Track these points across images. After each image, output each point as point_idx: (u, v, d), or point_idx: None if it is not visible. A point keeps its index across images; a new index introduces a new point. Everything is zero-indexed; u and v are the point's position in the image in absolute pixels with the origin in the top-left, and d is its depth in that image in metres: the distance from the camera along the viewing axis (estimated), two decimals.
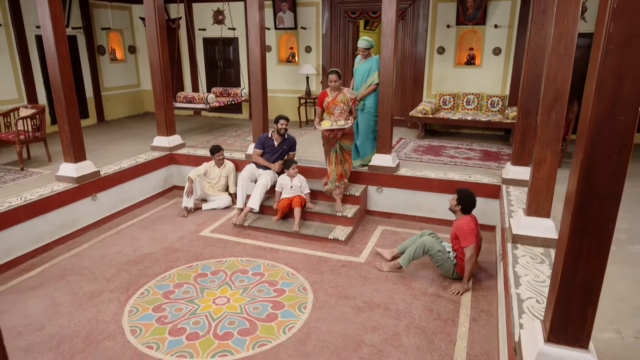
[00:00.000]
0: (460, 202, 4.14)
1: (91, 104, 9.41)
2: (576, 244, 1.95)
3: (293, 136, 5.93)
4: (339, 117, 5.15)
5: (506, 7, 7.51)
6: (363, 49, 5.59)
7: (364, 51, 5.60)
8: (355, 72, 5.78)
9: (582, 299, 2.01)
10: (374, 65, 5.60)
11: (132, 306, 3.91)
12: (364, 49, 5.58)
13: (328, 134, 5.24)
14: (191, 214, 6.00)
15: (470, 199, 4.15)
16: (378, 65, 5.58)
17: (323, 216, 5.48)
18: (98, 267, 4.63)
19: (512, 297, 2.93)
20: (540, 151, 3.53)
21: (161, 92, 6.66)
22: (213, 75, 9.96)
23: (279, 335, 3.52)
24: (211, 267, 4.59)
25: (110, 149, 7.18)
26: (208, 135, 8.15)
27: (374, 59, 5.66)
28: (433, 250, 4.18)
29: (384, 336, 3.51)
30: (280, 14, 8.93)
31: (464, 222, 4.08)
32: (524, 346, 2.28)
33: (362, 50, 5.62)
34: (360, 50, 5.64)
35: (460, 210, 4.17)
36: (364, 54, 5.63)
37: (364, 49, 5.58)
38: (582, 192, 1.89)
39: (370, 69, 5.59)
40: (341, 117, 5.14)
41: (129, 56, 10.32)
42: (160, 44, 6.46)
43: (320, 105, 5.30)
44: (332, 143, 5.29)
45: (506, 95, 7.76)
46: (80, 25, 8.98)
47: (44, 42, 5.00)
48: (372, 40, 5.61)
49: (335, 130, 5.18)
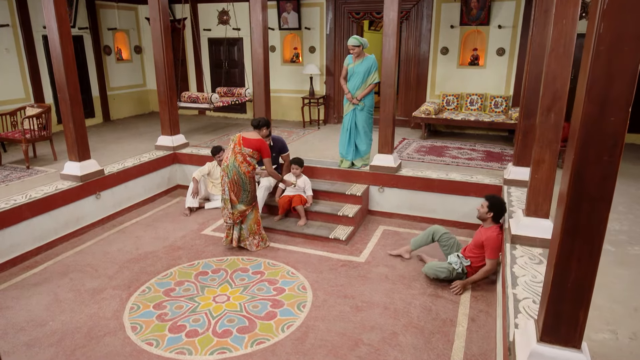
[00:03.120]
0: (492, 209, 4.07)
1: (97, 103, 9.50)
2: (568, 245, 1.96)
3: (280, 137, 5.77)
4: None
5: (510, 7, 7.49)
6: (352, 47, 5.46)
7: (354, 49, 5.48)
8: (352, 73, 5.62)
9: (574, 299, 2.01)
10: (373, 64, 5.55)
11: (133, 303, 3.96)
12: (353, 47, 5.46)
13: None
14: (194, 213, 6.05)
15: (502, 206, 4.09)
16: (377, 65, 5.57)
17: (324, 215, 5.50)
18: (101, 264, 4.68)
19: (508, 297, 2.94)
20: (539, 152, 3.53)
21: (165, 92, 6.72)
22: (218, 75, 10.02)
23: (278, 333, 3.54)
24: (212, 266, 4.63)
25: (115, 147, 7.25)
26: (212, 135, 8.20)
27: (371, 58, 5.57)
28: (439, 233, 4.44)
29: (381, 335, 3.52)
30: (285, 14, 8.96)
31: (495, 234, 4.01)
32: (518, 345, 2.29)
33: (352, 49, 5.50)
34: (350, 48, 5.51)
35: (491, 218, 4.10)
36: (354, 52, 5.51)
37: (353, 47, 5.46)
38: (573, 192, 1.89)
39: (370, 68, 5.54)
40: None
41: (135, 56, 10.40)
42: (164, 44, 6.52)
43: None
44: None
45: (510, 96, 7.74)
46: (87, 25, 9.08)
47: (50, 43, 5.07)
48: (364, 40, 5.52)
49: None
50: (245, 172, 4.72)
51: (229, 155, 4.76)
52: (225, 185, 4.77)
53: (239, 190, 4.76)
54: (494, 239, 4.01)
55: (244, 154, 4.72)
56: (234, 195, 4.77)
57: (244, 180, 4.74)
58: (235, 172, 4.71)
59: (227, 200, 4.80)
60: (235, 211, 4.81)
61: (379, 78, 5.55)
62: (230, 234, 4.94)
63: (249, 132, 4.91)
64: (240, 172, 4.70)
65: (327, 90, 9.03)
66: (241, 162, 4.71)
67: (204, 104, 7.89)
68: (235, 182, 4.73)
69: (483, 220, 4.16)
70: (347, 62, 5.73)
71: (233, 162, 4.72)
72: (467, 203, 5.38)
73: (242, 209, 4.82)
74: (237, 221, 4.85)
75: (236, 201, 4.79)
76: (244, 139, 4.75)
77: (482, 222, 4.22)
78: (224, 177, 4.77)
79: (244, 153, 4.72)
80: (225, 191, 4.79)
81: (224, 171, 4.77)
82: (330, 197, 5.73)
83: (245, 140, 4.74)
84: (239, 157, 4.72)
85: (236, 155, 4.72)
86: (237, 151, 4.72)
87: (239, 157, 4.72)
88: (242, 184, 4.74)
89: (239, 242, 4.95)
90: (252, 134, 4.85)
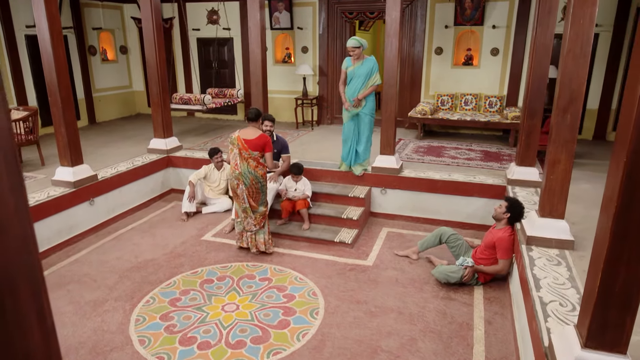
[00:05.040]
0: (510, 211, 4.04)
1: (82, 105, 9.19)
2: (617, 249, 1.91)
3: (283, 138, 5.66)
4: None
5: (504, 7, 7.53)
6: (352, 48, 5.26)
7: (354, 50, 5.31)
8: (353, 75, 5.43)
9: (621, 304, 1.97)
10: (374, 66, 5.41)
11: (138, 315, 3.79)
12: (354, 48, 5.29)
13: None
14: (191, 217, 5.88)
15: (521, 209, 4.06)
16: (377, 66, 5.46)
17: (327, 219, 5.41)
18: (99, 274, 4.48)
19: (534, 300, 2.89)
20: (554, 152, 3.51)
21: (158, 93, 6.52)
22: (207, 75, 9.81)
23: (293, 342, 3.43)
24: (217, 273, 4.48)
25: (106, 151, 7.00)
26: (204, 137, 8.01)
27: (372, 60, 5.43)
28: (447, 234, 4.41)
29: (400, 341, 3.45)
30: (277, 14, 8.83)
31: (507, 235, 4.00)
32: (558, 351, 2.24)
33: (351, 50, 5.33)
34: (350, 50, 5.34)
35: (507, 219, 4.07)
36: (355, 54, 5.33)
37: (354, 48, 5.29)
38: (624, 195, 1.84)
39: (372, 70, 5.38)
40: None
41: (121, 56, 10.11)
42: (157, 44, 6.32)
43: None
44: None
45: (504, 96, 7.79)
46: (71, 25, 8.76)
47: (40, 43, 4.83)
48: (364, 40, 5.35)
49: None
50: (262, 174, 4.62)
51: (238, 162, 4.54)
52: (243, 194, 4.58)
53: (257, 194, 4.64)
54: (506, 239, 3.99)
55: (255, 158, 4.55)
56: (253, 201, 4.63)
57: (262, 183, 4.65)
58: (253, 178, 4.56)
59: (247, 209, 4.64)
60: (257, 215, 4.69)
61: (380, 80, 5.46)
62: (252, 239, 4.78)
63: (246, 129, 4.64)
64: (258, 175, 4.58)
65: (320, 91, 8.93)
66: (255, 166, 4.56)
67: (197, 105, 7.70)
68: (253, 187, 4.59)
69: (498, 220, 4.13)
70: (345, 65, 5.48)
71: (247, 168, 4.53)
72: (471, 204, 5.37)
73: (263, 210, 4.73)
74: (262, 224, 4.73)
75: (256, 206, 4.67)
76: (247, 142, 4.54)
77: (495, 222, 4.20)
78: (240, 185, 4.57)
79: (255, 157, 4.55)
80: (244, 200, 4.60)
81: (238, 179, 4.57)
82: (333, 199, 5.64)
83: (249, 143, 4.52)
84: (252, 162, 4.54)
85: (248, 161, 4.53)
86: (246, 157, 4.52)
87: (252, 162, 4.54)
88: (261, 187, 4.65)
89: (265, 246, 4.81)
90: (251, 132, 4.58)
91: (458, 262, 4.19)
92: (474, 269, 4.09)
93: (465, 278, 4.06)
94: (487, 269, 4.07)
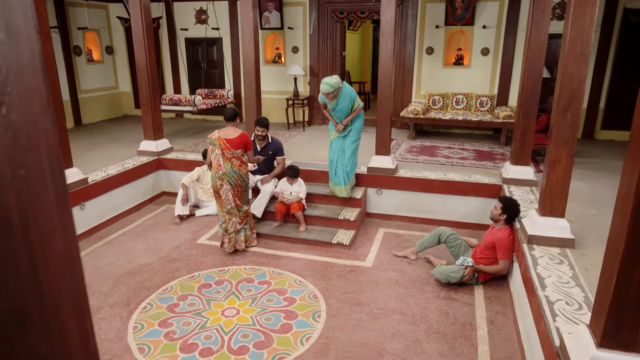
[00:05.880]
0: (505, 211, 4.05)
1: (67, 106, 8.96)
2: (633, 249, 1.91)
3: (278, 140, 5.60)
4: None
5: (494, 7, 7.59)
6: (327, 94, 4.90)
7: (328, 95, 4.91)
8: (334, 110, 5.08)
9: (637, 304, 1.97)
10: (351, 94, 5.10)
11: (136, 322, 3.70)
12: (328, 94, 4.89)
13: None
14: (184, 221, 5.77)
15: (516, 208, 4.07)
16: (354, 92, 5.17)
17: (324, 220, 5.37)
18: (92, 280, 4.36)
19: (541, 299, 2.90)
20: (554, 151, 3.53)
21: (148, 94, 6.39)
22: (196, 76, 9.67)
23: (297, 346, 3.38)
24: (214, 277, 4.41)
25: (94, 154, 6.84)
26: (195, 139, 7.90)
27: (347, 91, 5.05)
28: (446, 234, 4.40)
29: (404, 343, 3.43)
30: (266, 13, 8.75)
31: (506, 235, 4.01)
32: (571, 351, 2.23)
33: (326, 95, 4.92)
34: (325, 95, 4.94)
35: (505, 219, 4.08)
36: (330, 97, 4.94)
37: (328, 94, 4.89)
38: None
39: (350, 100, 5.06)
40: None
41: (107, 57, 9.90)
42: (147, 44, 6.19)
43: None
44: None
45: (495, 95, 7.85)
46: (56, 24, 8.54)
47: None
48: (337, 80, 4.94)
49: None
50: (245, 173, 4.72)
51: (221, 163, 4.56)
52: (229, 193, 4.62)
53: (242, 192, 4.72)
54: (505, 239, 4.00)
55: (238, 157, 4.61)
56: (238, 199, 4.70)
57: (246, 182, 4.76)
58: (238, 177, 4.64)
59: (232, 209, 4.69)
60: (241, 214, 4.77)
61: (361, 102, 5.23)
62: (232, 239, 4.79)
63: (226, 129, 4.62)
64: (242, 174, 4.68)
65: (311, 91, 8.88)
66: (239, 165, 4.63)
67: (187, 106, 7.59)
68: (238, 186, 4.66)
69: (496, 221, 4.14)
70: (322, 100, 5.14)
71: (231, 167, 4.59)
72: (467, 203, 5.38)
73: (246, 208, 4.84)
74: (244, 222, 4.81)
75: (241, 204, 4.74)
76: (229, 141, 4.55)
77: (493, 223, 4.21)
78: (224, 185, 4.59)
79: (237, 156, 4.60)
80: (229, 200, 4.64)
81: (222, 179, 4.58)
82: (329, 200, 5.60)
83: (231, 142, 4.55)
84: (236, 162, 4.61)
85: (231, 160, 4.59)
86: (229, 156, 4.57)
87: (236, 162, 4.61)
88: (245, 185, 4.75)
89: (246, 243, 4.91)
90: (231, 132, 4.58)
91: (458, 262, 4.19)
92: (474, 268, 4.10)
93: (466, 278, 4.07)
94: (488, 269, 4.08)
